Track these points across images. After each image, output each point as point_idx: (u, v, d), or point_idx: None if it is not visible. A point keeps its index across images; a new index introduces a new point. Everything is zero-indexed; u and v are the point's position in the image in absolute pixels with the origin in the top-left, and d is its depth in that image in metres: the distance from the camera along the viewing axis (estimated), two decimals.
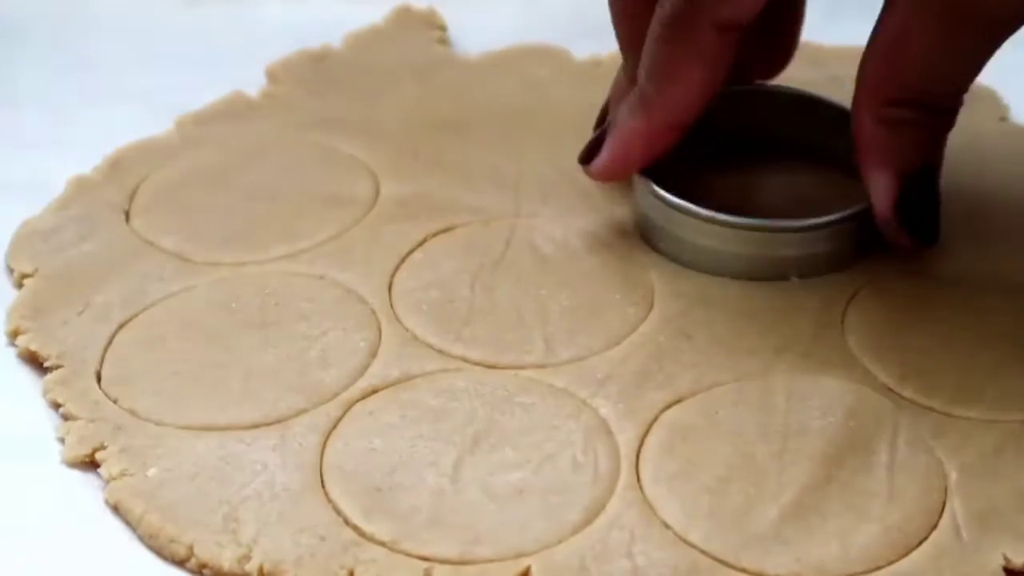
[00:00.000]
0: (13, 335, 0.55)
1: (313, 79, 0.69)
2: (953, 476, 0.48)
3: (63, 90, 0.68)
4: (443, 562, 0.46)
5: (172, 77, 0.69)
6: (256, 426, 0.51)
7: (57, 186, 0.62)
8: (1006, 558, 0.46)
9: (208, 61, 0.70)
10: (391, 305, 0.55)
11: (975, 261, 0.57)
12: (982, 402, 0.51)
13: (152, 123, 0.65)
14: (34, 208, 0.60)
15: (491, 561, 0.46)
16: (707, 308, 0.55)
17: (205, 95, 0.67)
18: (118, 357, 0.53)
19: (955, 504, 0.48)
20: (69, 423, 0.51)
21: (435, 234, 0.59)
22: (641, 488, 0.48)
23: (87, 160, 0.63)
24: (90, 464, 0.50)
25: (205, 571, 0.47)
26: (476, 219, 0.59)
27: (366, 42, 0.71)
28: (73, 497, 0.49)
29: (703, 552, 0.46)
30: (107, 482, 0.49)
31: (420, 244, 0.58)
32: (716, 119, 0.57)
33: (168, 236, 0.59)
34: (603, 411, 0.51)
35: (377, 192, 0.61)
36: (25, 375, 0.54)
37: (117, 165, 0.63)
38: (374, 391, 0.52)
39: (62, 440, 0.51)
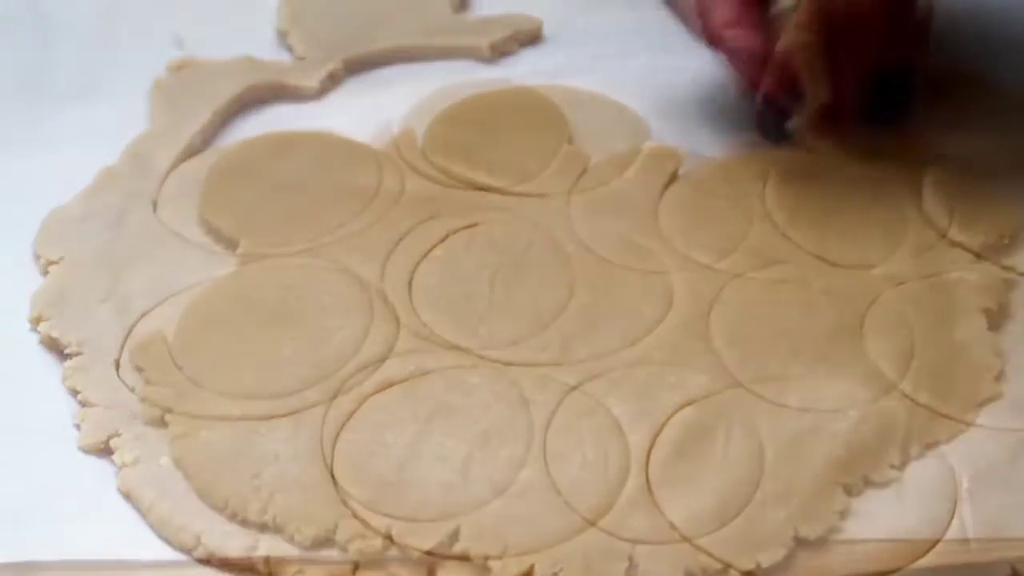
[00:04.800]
0: (36, 322, 0.55)
1: None
2: (964, 484, 0.48)
3: (97, 84, 0.69)
4: (447, 557, 0.46)
5: None
6: (270, 417, 0.51)
7: (88, 178, 0.62)
8: (1013, 568, 0.46)
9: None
10: (410, 300, 0.56)
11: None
12: (998, 411, 0.51)
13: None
14: (65, 199, 0.61)
15: (495, 558, 0.46)
16: (725, 310, 0.55)
17: None
18: (137, 346, 0.54)
19: (964, 512, 0.47)
20: (86, 410, 0.52)
21: (458, 230, 0.59)
22: (649, 488, 0.48)
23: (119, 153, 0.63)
24: (106, 450, 0.51)
25: (212, 560, 0.47)
26: (500, 217, 0.59)
27: None
28: (88, 483, 0.50)
29: (708, 554, 0.46)
30: (120, 469, 0.50)
31: (443, 240, 0.58)
32: None
33: (193, 227, 0.59)
34: (616, 411, 0.51)
35: (403, 187, 0.61)
36: (47, 361, 0.54)
37: (146, 156, 0.63)
38: (389, 385, 0.52)
39: (79, 426, 0.51)
